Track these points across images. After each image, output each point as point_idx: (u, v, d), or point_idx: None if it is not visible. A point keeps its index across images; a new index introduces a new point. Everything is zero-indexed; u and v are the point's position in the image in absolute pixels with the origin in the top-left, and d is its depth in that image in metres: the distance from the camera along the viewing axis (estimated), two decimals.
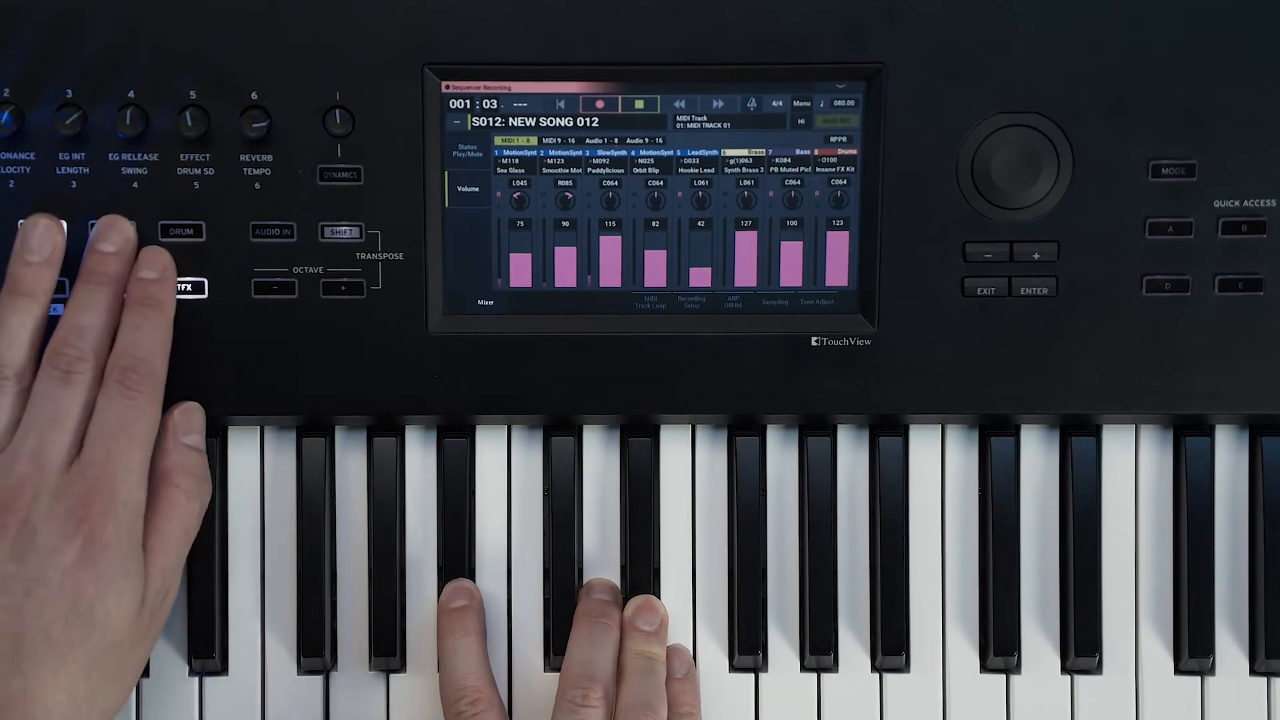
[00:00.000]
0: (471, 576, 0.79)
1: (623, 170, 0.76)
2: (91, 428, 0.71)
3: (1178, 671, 0.80)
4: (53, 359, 0.71)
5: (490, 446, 0.80)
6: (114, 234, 0.74)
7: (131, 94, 0.74)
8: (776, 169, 0.76)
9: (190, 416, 0.75)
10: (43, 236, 0.73)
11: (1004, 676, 0.80)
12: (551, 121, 0.76)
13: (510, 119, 0.76)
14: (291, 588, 0.79)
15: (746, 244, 0.77)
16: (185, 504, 0.74)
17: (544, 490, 0.80)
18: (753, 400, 0.77)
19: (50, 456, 0.69)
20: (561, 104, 0.76)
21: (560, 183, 0.76)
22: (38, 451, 0.69)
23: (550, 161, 0.76)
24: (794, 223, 0.77)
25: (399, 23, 0.74)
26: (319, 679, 0.79)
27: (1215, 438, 0.79)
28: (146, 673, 0.79)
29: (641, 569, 0.79)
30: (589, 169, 0.76)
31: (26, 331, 0.72)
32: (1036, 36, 0.74)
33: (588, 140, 0.76)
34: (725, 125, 0.76)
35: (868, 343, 0.76)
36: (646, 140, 0.76)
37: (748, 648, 0.79)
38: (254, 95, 0.75)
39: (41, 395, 0.71)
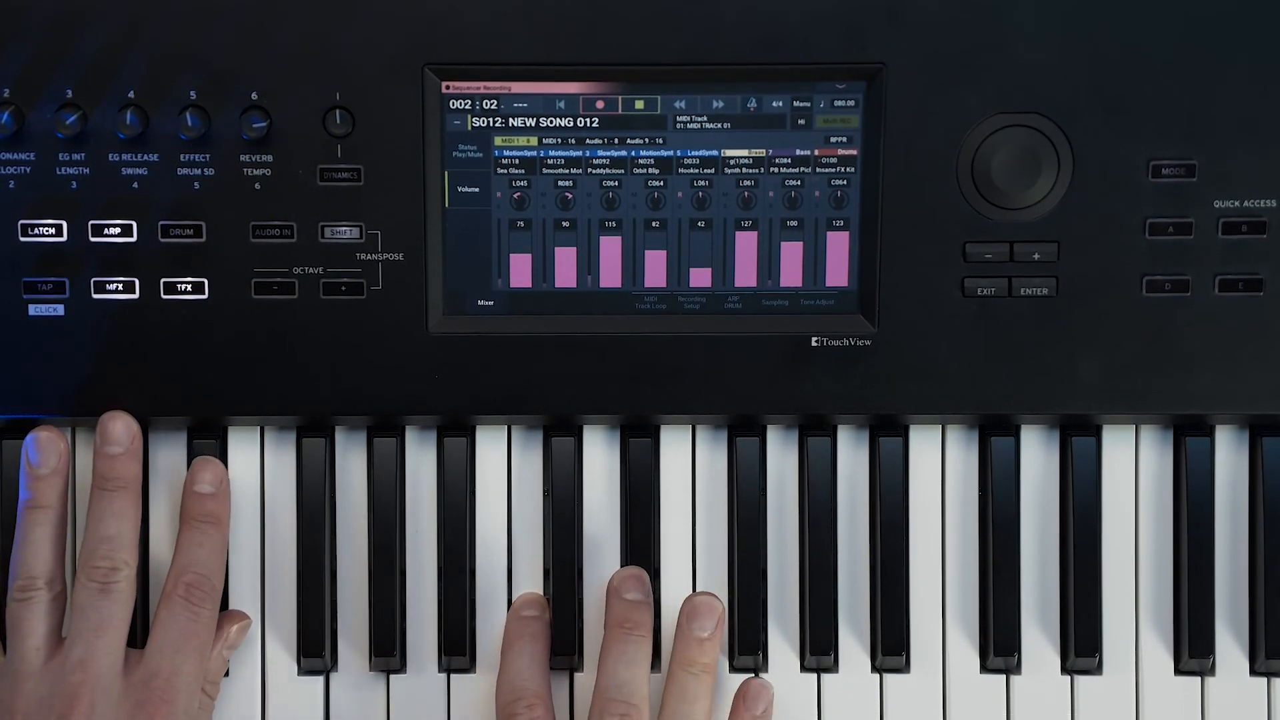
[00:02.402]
0: (472, 577, 0.79)
1: (623, 170, 0.76)
2: (156, 638, 0.73)
3: (1178, 671, 0.80)
4: (88, 571, 0.73)
5: (490, 446, 0.80)
6: (119, 433, 0.75)
7: (131, 94, 0.74)
8: (776, 169, 0.76)
9: (241, 634, 0.78)
10: (47, 448, 0.75)
11: (1004, 676, 0.80)
12: (551, 122, 0.76)
13: (510, 119, 0.76)
14: (291, 588, 0.79)
15: (746, 244, 0.77)
16: (210, 705, 0.77)
17: (544, 490, 0.80)
18: (753, 400, 0.77)
19: (102, 665, 0.72)
20: (561, 104, 0.76)
21: (560, 183, 0.76)
22: (87, 660, 0.72)
23: (550, 162, 0.76)
24: (794, 223, 0.77)
25: (399, 23, 0.74)
26: (319, 679, 0.79)
27: (1215, 438, 0.79)
28: None
29: (642, 569, 0.79)
30: (589, 169, 0.76)
31: (48, 541, 0.75)
32: (1036, 36, 0.74)
33: (588, 140, 0.76)
34: (725, 125, 0.76)
35: (868, 343, 0.76)
36: (646, 140, 0.76)
37: (748, 648, 0.78)
38: (254, 95, 0.75)
39: (84, 606, 0.73)
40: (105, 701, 0.71)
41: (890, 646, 0.78)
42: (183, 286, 0.76)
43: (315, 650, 0.78)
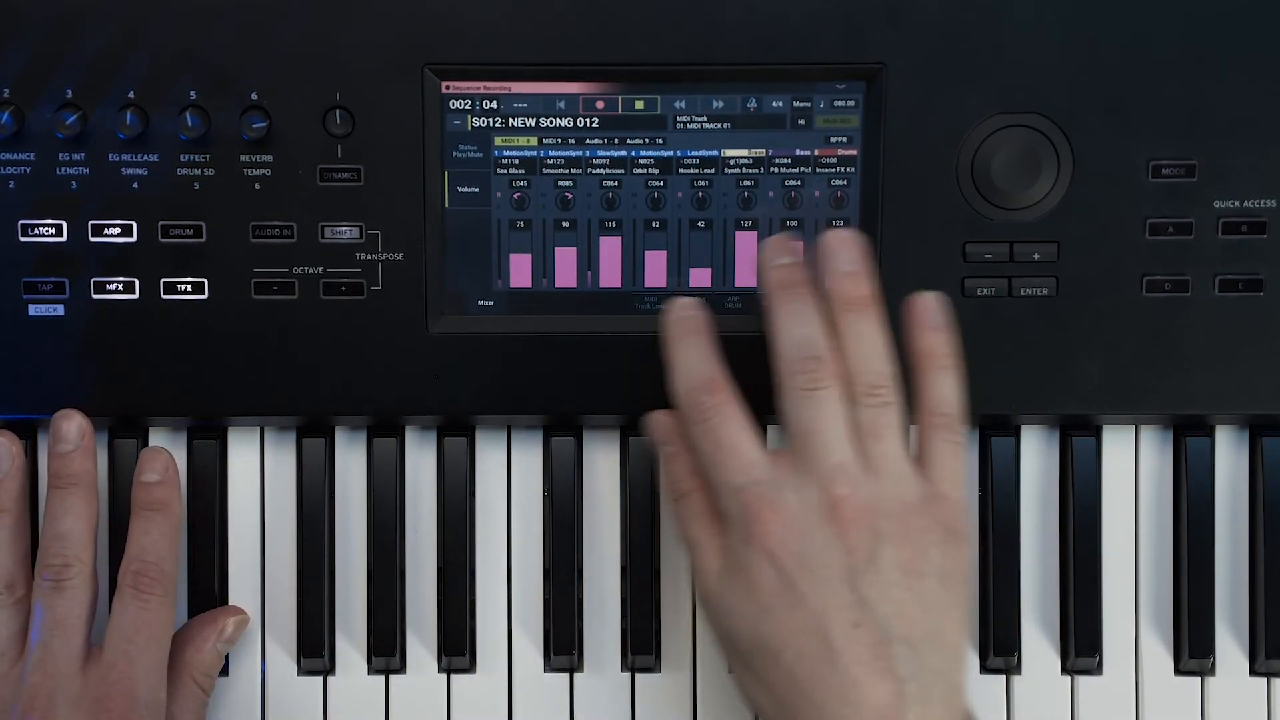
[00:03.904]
0: (472, 577, 0.79)
1: (623, 170, 0.76)
2: (109, 631, 0.73)
3: (1178, 671, 0.80)
4: (42, 570, 0.73)
5: (490, 446, 0.80)
6: (69, 431, 0.75)
7: (131, 94, 0.74)
8: (776, 169, 0.76)
9: (238, 629, 0.78)
10: (1, 455, 0.75)
11: (1004, 676, 0.80)
12: (551, 122, 0.76)
13: (510, 119, 0.76)
14: (291, 588, 0.79)
15: (746, 244, 0.77)
16: (202, 698, 0.76)
17: (544, 490, 0.79)
18: (753, 401, 0.77)
19: (60, 663, 0.71)
20: (561, 104, 0.76)
21: (560, 183, 0.76)
22: (45, 660, 0.71)
23: (550, 162, 0.76)
24: (794, 223, 0.77)
25: (399, 23, 0.74)
26: (319, 679, 0.79)
27: (1215, 438, 0.79)
28: None
29: (641, 569, 0.79)
30: (589, 169, 0.76)
31: (6, 545, 0.74)
32: (1037, 36, 0.74)
33: (588, 141, 0.76)
34: (725, 126, 0.76)
35: None
36: (646, 141, 0.76)
37: None
38: (254, 95, 0.75)
39: (40, 606, 0.73)
40: (65, 700, 0.71)
41: None
42: (183, 286, 0.76)
43: (315, 650, 0.78)
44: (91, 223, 0.75)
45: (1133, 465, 0.80)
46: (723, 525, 0.69)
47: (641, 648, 0.79)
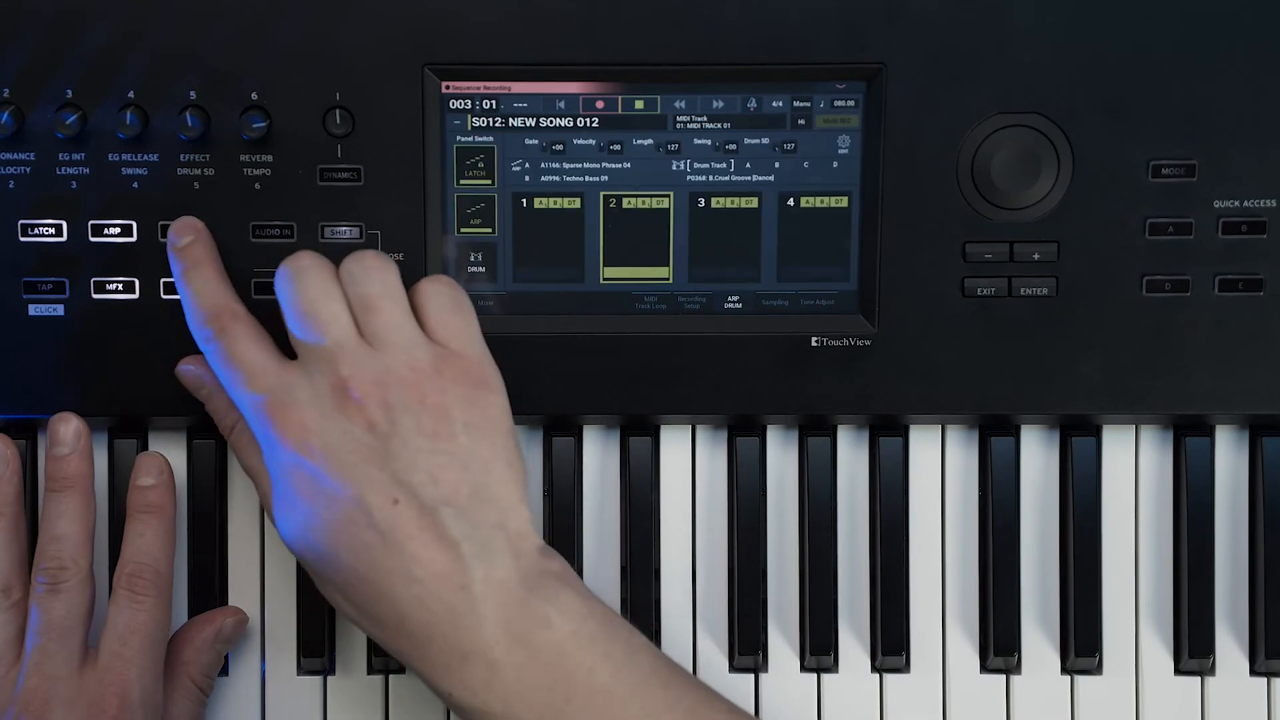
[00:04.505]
0: None
1: None
2: (104, 634, 0.73)
3: (1178, 671, 0.80)
4: (38, 573, 0.73)
5: None
6: (65, 434, 0.74)
7: (131, 94, 0.74)
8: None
9: (237, 629, 0.78)
10: None
11: (1004, 676, 0.80)
12: (551, 122, 0.76)
13: (510, 119, 0.76)
14: (291, 588, 0.79)
15: None
16: (201, 698, 0.76)
17: (544, 490, 0.79)
18: (753, 400, 0.77)
19: (55, 666, 0.71)
20: (562, 104, 0.76)
21: None
22: (41, 664, 0.71)
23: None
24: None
25: (399, 23, 0.74)
26: (319, 679, 0.79)
27: (1215, 438, 0.79)
28: None
29: (641, 569, 0.79)
30: None
31: (1, 548, 0.74)
32: (1036, 37, 0.74)
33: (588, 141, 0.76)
34: (725, 125, 0.76)
35: (868, 343, 0.76)
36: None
37: (748, 648, 0.78)
38: (254, 95, 0.75)
39: (36, 609, 0.72)
40: (61, 702, 0.70)
41: (890, 646, 0.78)
42: None
43: (315, 650, 0.78)
44: (91, 223, 0.75)
45: (1133, 465, 0.80)
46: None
47: None
